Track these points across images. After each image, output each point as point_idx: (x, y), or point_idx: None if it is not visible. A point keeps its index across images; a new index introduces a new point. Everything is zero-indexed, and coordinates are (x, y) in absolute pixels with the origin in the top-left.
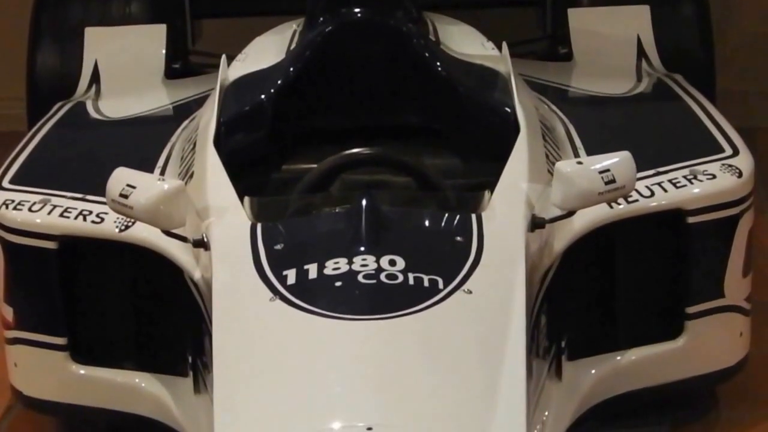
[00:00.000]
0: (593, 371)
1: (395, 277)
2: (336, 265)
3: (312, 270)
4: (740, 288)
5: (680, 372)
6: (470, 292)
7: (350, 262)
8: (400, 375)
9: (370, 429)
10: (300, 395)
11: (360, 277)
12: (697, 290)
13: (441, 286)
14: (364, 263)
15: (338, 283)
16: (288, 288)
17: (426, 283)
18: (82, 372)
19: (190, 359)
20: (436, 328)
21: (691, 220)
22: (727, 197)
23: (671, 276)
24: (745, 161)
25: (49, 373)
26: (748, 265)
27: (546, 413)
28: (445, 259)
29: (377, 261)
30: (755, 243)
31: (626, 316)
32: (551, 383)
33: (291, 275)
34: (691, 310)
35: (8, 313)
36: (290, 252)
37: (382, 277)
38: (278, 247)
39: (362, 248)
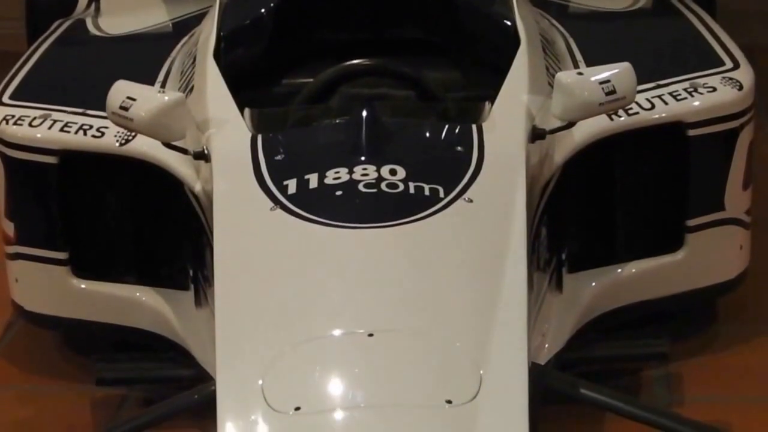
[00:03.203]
0: (593, 284)
1: (396, 186)
2: (336, 175)
3: (312, 180)
4: (740, 201)
5: (680, 285)
6: (471, 201)
7: (351, 172)
8: (401, 282)
9: (371, 335)
10: (301, 303)
11: (360, 186)
12: (697, 203)
13: (442, 195)
14: (364, 173)
15: (339, 193)
16: (289, 197)
17: (427, 192)
18: (83, 286)
19: (191, 272)
20: (436, 236)
21: (691, 132)
22: (727, 110)
23: (672, 189)
24: (745, 74)
25: (50, 287)
26: (748, 179)
27: (547, 325)
28: (446, 168)
29: (378, 170)
30: (756, 159)
31: (627, 228)
32: (552, 295)
33: (291, 185)
34: (691, 222)
35: (9, 228)
36: (291, 162)
37: (383, 186)
38: (279, 157)
39: (363, 158)
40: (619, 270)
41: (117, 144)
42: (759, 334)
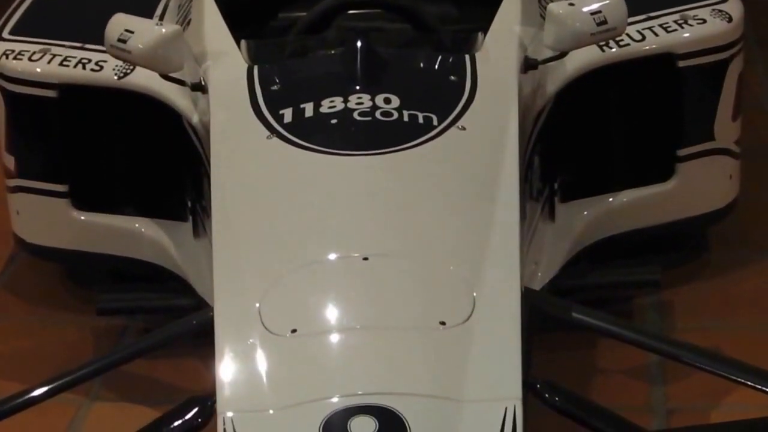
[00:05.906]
0: (585, 213)
1: (390, 115)
2: (332, 104)
3: (308, 108)
4: (730, 131)
5: (671, 214)
6: (464, 129)
7: (346, 101)
8: (396, 207)
9: (366, 259)
10: (297, 229)
11: (355, 115)
12: (687, 133)
13: (435, 123)
14: (359, 101)
15: (334, 121)
16: (285, 126)
17: (420, 120)
18: (83, 218)
19: (189, 204)
20: (430, 163)
21: (681, 63)
22: (717, 41)
23: (663, 119)
24: (734, 6)
25: (51, 220)
26: (737, 109)
27: (539, 253)
28: (440, 97)
29: (372, 99)
30: (746, 91)
31: (619, 158)
32: (544, 224)
33: (287, 114)
34: (681, 152)
35: (9, 161)
36: (286, 92)
37: (377, 114)
38: (275, 87)
39: (357, 87)
40: (611, 199)
41: (115, 77)
42: (748, 263)
